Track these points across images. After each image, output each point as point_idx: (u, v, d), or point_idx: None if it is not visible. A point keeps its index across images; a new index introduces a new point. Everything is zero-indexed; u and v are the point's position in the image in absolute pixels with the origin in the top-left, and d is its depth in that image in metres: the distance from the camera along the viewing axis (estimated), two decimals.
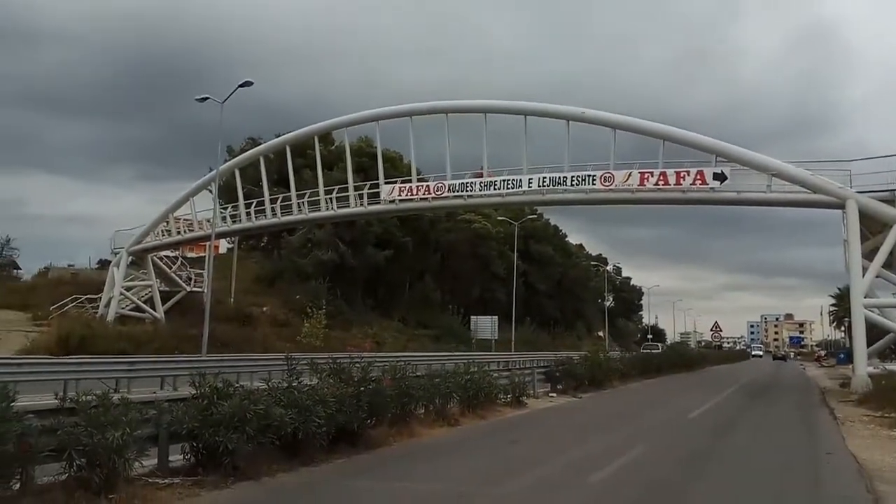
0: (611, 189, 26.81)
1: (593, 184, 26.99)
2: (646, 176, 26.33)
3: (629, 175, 26.55)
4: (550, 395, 20.17)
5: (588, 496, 7.72)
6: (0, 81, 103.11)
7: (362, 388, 10.08)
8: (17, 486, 5.89)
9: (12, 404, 5.77)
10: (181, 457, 7.67)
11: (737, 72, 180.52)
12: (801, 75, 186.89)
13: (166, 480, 7.10)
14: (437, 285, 56.37)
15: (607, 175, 26.76)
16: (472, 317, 50.94)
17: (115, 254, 38.22)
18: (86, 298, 37.30)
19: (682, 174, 25.92)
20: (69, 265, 51.32)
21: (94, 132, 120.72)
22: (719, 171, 25.39)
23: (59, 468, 6.25)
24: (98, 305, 36.41)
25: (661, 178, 26.07)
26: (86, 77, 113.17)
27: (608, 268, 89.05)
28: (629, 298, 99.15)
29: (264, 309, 41.69)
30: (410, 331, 49.19)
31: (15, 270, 51.66)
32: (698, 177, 25.62)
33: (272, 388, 8.81)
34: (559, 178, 27.71)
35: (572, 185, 27.43)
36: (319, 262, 44.94)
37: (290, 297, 43.64)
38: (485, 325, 49.61)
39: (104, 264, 46.64)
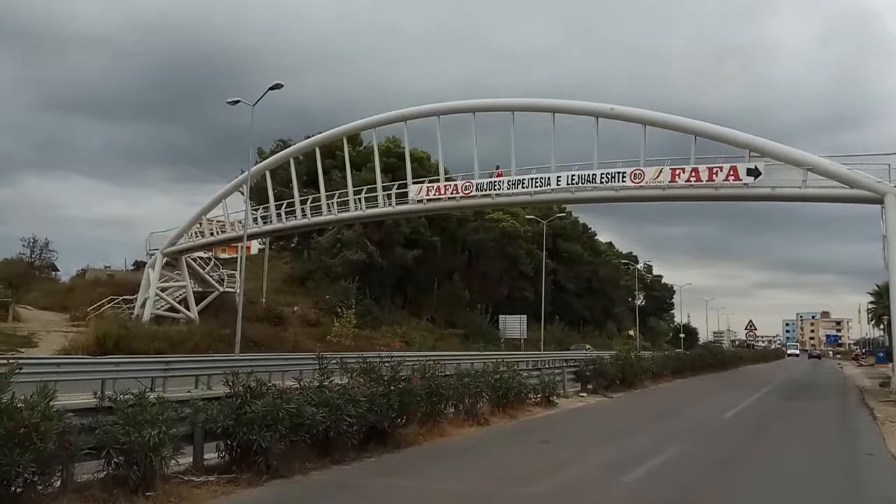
0: (641, 186, 26.46)
1: (623, 181, 26.68)
2: (677, 172, 25.92)
3: (660, 171, 26.17)
4: (581, 394, 20.00)
5: (620, 497, 7.63)
6: (38, 87, 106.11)
7: (392, 388, 10.11)
8: (59, 483, 6.02)
9: (53, 403, 5.90)
10: (216, 455, 7.78)
11: (769, 65, 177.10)
12: (836, 68, 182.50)
13: (201, 478, 7.21)
14: (465, 284, 56.38)
15: (637, 172, 26.42)
16: (500, 316, 50.84)
17: (150, 255, 38.99)
18: (122, 299, 38.17)
19: (714, 170, 25.45)
20: (105, 267, 52.55)
21: (128, 136, 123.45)
22: (753, 167, 24.86)
23: (97, 466, 6.38)
24: (134, 306, 37.22)
25: (693, 174, 25.65)
26: (120, 82, 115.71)
27: (639, 266, 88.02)
28: (660, 297, 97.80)
29: (295, 309, 42.17)
30: (439, 330, 49.26)
31: (54, 272, 53.03)
32: (731, 172, 25.14)
33: (304, 387, 8.88)
34: (588, 175, 27.43)
35: (602, 182, 27.14)
36: (349, 262, 45.29)
37: (320, 297, 44.08)
38: (513, 325, 49.46)
39: (139, 266, 47.63)
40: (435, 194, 31.33)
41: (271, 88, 28.60)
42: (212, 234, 37.81)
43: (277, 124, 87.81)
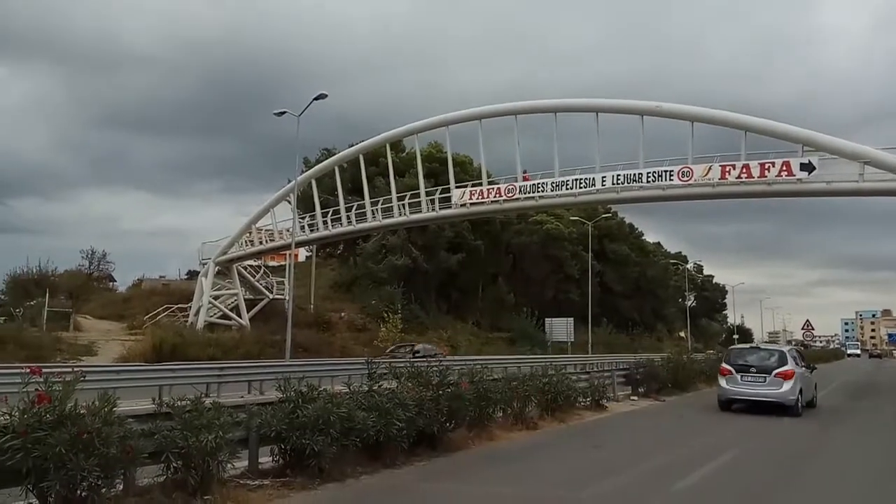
0: (690, 184, 25.89)
1: (671, 179, 26.16)
2: (727, 169, 25.28)
3: (709, 169, 25.56)
4: (632, 398, 19.64)
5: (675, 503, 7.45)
6: (93, 104, 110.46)
7: (441, 392, 10.12)
8: (121, 486, 6.21)
9: (114, 409, 6.09)
10: (270, 459, 7.91)
11: (820, 56, 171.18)
12: (892, 55, 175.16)
13: (257, 482, 7.33)
14: (510, 288, 56.14)
15: (685, 170, 25.87)
16: (546, 319, 50.40)
17: (203, 264, 40.07)
18: (177, 307, 39.34)
19: (766, 166, 24.71)
20: (160, 276, 54.22)
21: (180, 149, 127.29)
22: (807, 162, 24.06)
23: (157, 470, 6.55)
24: (188, 314, 38.30)
25: (744, 170, 24.96)
26: (171, 97, 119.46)
27: (688, 266, 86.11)
28: (712, 297, 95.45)
29: (342, 314, 42.71)
30: (485, 334, 49.19)
31: (111, 283, 55.06)
32: (784, 168, 24.37)
33: (354, 391, 8.96)
34: (634, 174, 26.99)
35: (648, 181, 26.66)
36: (394, 267, 45.65)
37: (366, 303, 44.53)
38: (560, 328, 48.94)
39: (193, 275, 49.01)
40: (478, 198, 31.30)
41: (316, 98, 29.02)
42: (261, 242, 38.63)
43: (322, 133, 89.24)
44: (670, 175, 26.16)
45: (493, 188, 31.08)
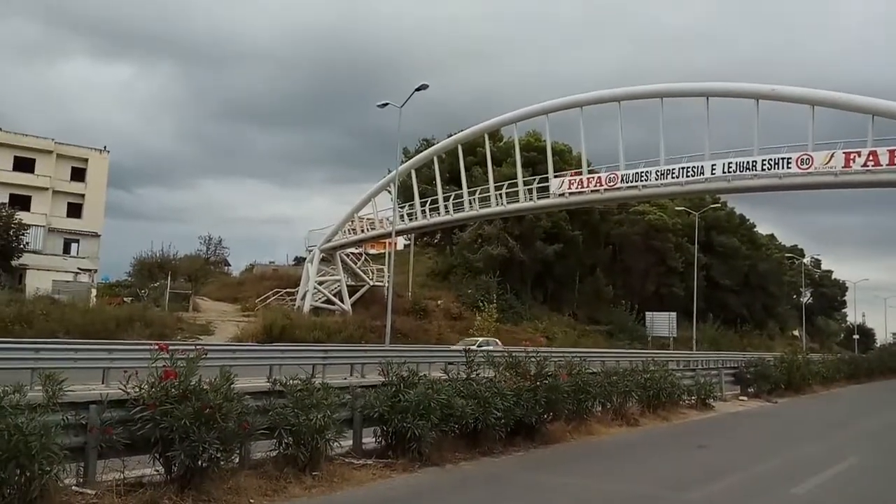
0: (809, 172, 24.23)
1: (788, 167, 24.56)
2: (852, 156, 23.44)
3: (831, 156, 23.80)
4: (740, 398, 18.71)
5: None
6: (213, 98, 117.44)
7: (539, 383, 10.06)
8: (237, 459, 6.62)
9: (233, 386, 6.48)
10: (373, 440, 8.17)
11: None
12: None
13: (361, 461, 7.61)
14: (608, 280, 54.83)
15: (805, 157, 24.20)
16: (646, 313, 48.86)
17: (309, 251, 41.84)
18: (285, 292, 41.36)
19: None
20: (270, 262, 57.05)
21: (290, 140, 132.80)
22: None
23: (269, 445, 6.92)
24: (295, 298, 40.15)
25: (871, 157, 23.06)
26: (284, 90, 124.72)
27: (805, 260, 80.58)
28: (830, 294, 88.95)
29: (438, 302, 43.31)
30: (581, 326, 48.35)
31: (226, 267, 58.60)
32: None
33: (453, 378, 9.07)
34: (747, 162, 25.54)
35: (763, 169, 25.17)
36: (489, 256, 45.71)
37: (462, 291, 44.89)
38: (661, 322, 47.31)
39: (300, 261, 51.23)
40: (577, 187, 30.72)
41: (417, 89, 29.36)
42: (362, 230, 39.81)
43: (422, 124, 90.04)
44: (788, 163, 24.58)
45: (592, 177, 30.39)
